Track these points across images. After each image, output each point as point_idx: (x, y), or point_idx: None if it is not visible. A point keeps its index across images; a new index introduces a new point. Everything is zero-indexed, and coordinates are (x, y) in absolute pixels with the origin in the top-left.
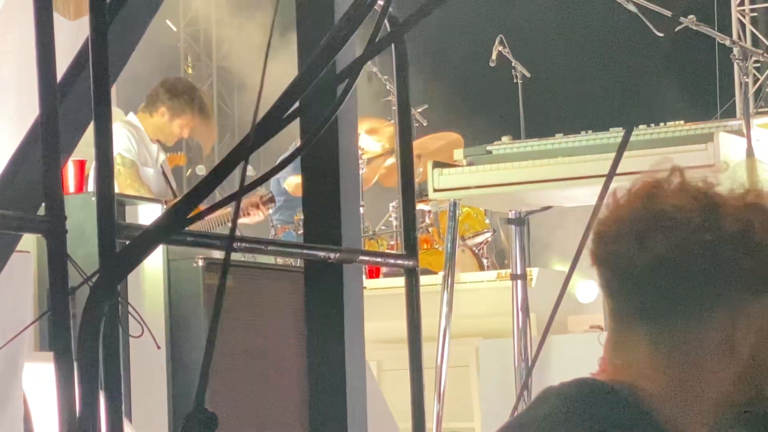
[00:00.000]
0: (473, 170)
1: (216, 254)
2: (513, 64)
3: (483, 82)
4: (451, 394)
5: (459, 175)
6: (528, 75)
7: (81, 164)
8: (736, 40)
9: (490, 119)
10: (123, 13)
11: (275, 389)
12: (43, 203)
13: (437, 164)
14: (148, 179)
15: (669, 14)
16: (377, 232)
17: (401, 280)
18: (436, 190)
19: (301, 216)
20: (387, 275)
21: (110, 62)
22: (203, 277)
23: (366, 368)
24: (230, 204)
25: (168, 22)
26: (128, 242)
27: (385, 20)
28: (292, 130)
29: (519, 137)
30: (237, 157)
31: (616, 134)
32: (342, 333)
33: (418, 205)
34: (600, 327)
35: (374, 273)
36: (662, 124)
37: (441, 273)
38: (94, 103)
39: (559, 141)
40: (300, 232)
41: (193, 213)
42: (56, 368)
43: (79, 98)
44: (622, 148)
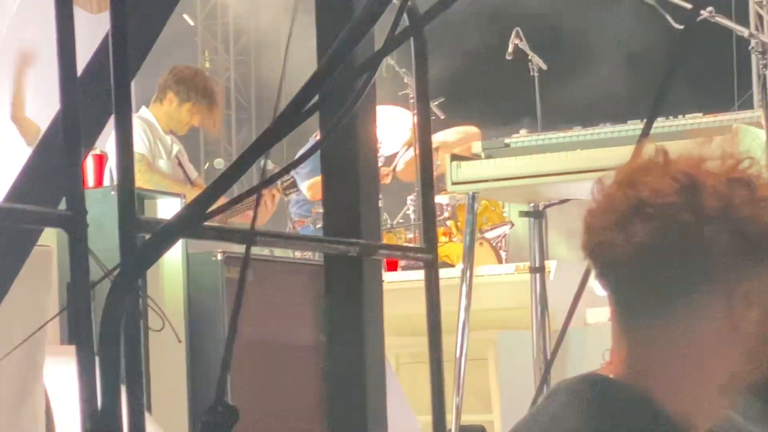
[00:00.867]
0: (491, 163)
1: (235, 248)
2: (529, 57)
3: (499, 75)
4: (470, 387)
5: (477, 168)
6: (545, 68)
7: (100, 158)
8: (754, 32)
9: (507, 112)
10: (143, 7)
11: (294, 383)
12: (64, 197)
13: (455, 157)
14: (162, 171)
15: (689, 6)
16: (395, 225)
17: (419, 273)
18: (454, 183)
19: (320, 209)
20: (405, 268)
21: (130, 56)
22: (223, 271)
23: (385, 361)
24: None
25: (185, 17)
26: (148, 236)
27: (405, 13)
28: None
29: (536, 130)
30: (257, 151)
31: (635, 126)
32: (362, 326)
33: (436, 198)
34: None
35: (392, 266)
36: (680, 116)
37: (459, 266)
38: (115, 97)
39: (578, 134)
40: (318, 226)
41: (213, 207)
42: (78, 362)
43: (99, 92)
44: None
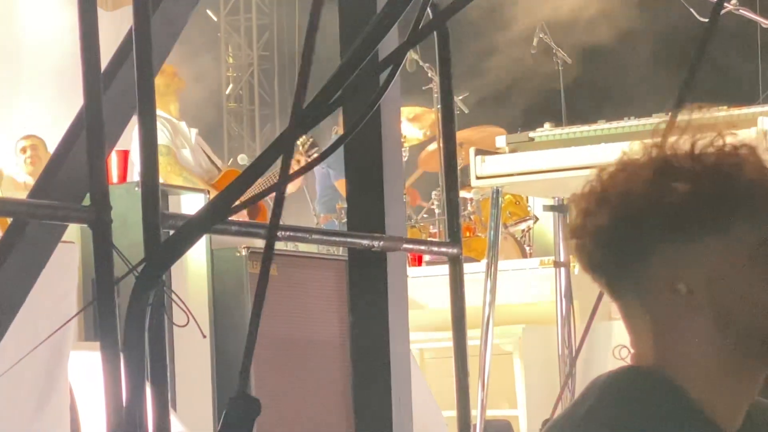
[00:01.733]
0: (515, 157)
1: (260, 243)
2: (554, 51)
3: (524, 69)
4: (495, 382)
5: (501, 162)
6: (569, 62)
7: (124, 154)
8: None
9: (531, 106)
10: (165, 4)
11: (319, 377)
12: (88, 193)
13: (479, 151)
14: (188, 162)
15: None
16: (419, 221)
17: (444, 268)
18: (479, 178)
19: (344, 205)
20: (430, 263)
21: (153, 53)
22: (247, 267)
23: (410, 356)
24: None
25: (208, 12)
26: (172, 232)
27: (428, 8)
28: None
29: (560, 124)
30: (280, 147)
31: (659, 120)
32: (386, 320)
33: (461, 193)
34: None
35: (417, 261)
36: (705, 108)
37: (484, 260)
38: (138, 94)
39: (602, 127)
40: (343, 221)
41: (237, 203)
42: (103, 358)
43: (123, 89)
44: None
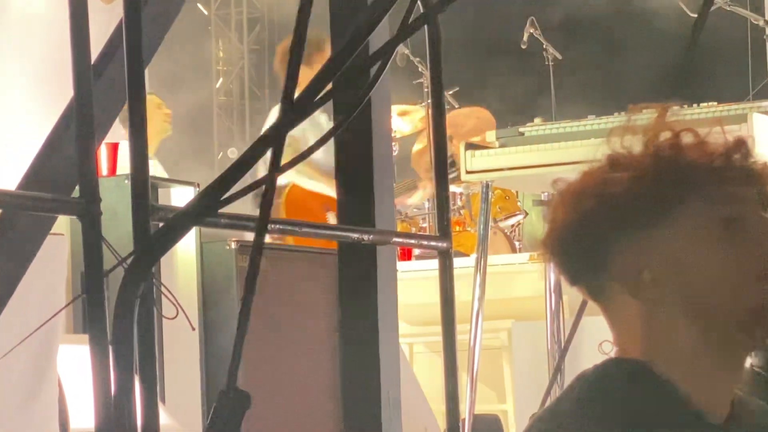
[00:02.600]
0: (506, 152)
1: (250, 237)
2: (544, 46)
3: (514, 64)
4: (484, 377)
5: (491, 157)
6: (560, 57)
7: (114, 147)
8: None
9: (521, 101)
10: None
11: (308, 371)
12: (78, 185)
13: (470, 146)
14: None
15: None
16: (409, 215)
17: (433, 263)
18: (469, 172)
19: None
20: (419, 258)
21: (144, 45)
22: (237, 260)
23: (399, 350)
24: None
25: (199, 6)
26: (162, 224)
27: (418, 1)
28: None
29: (550, 120)
30: (270, 139)
31: (649, 116)
32: (376, 315)
33: (450, 187)
34: None
35: (406, 255)
36: (695, 105)
37: (473, 255)
38: (129, 86)
39: (592, 123)
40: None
41: (227, 195)
42: (91, 350)
43: (113, 81)
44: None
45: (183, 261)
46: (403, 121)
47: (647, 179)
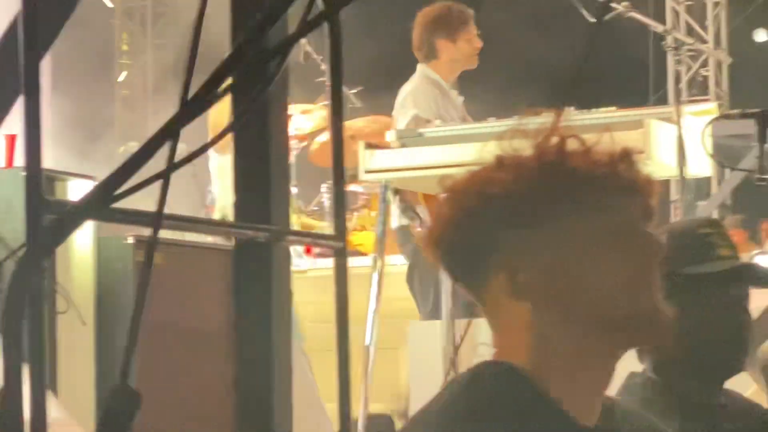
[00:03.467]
0: (405, 152)
1: (148, 232)
2: None
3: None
4: (381, 376)
5: (390, 157)
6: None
7: (11, 138)
8: (669, 29)
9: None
10: None
11: (202, 368)
12: None
13: (369, 145)
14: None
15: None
16: (309, 213)
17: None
18: (368, 172)
19: None
20: (319, 256)
21: (41, 37)
22: (134, 255)
23: (299, 349)
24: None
25: None
26: (55, 217)
27: None
28: None
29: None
30: (166, 134)
31: (543, 120)
32: (270, 313)
33: (352, 187)
34: None
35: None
36: (594, 109)
37: (372, 255)
38: (24, 79)
39: (491, 125)
40: None
41: (121, 190)
42: None
43: (8, 72)
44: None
45: (79, 255)
46: (304, 119)
47: (528, 182)
